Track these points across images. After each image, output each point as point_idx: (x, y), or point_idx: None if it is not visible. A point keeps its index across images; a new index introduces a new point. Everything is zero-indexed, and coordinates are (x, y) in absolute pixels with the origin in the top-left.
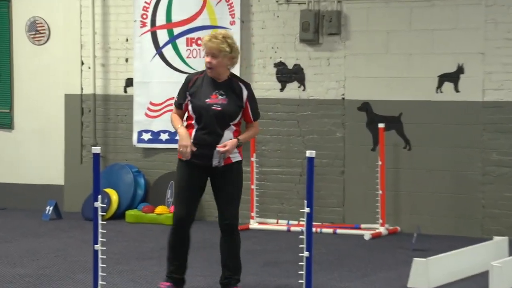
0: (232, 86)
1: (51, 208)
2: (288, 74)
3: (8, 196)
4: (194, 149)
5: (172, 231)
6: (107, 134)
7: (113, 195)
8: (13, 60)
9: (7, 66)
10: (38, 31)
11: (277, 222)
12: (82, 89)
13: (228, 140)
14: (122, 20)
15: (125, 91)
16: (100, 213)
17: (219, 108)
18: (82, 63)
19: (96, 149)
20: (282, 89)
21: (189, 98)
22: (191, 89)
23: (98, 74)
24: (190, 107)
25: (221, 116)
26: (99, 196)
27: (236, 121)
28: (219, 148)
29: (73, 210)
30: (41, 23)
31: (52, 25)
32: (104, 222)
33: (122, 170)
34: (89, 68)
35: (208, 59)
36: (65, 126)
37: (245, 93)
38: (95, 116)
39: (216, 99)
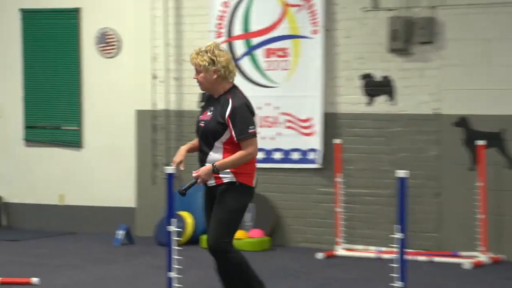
0: (221, 102)
1: (122, 233)
2: (376, 87)
3: (77, 219)
4: (182, 168)
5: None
6: (175, 152)
7: (188, 219)
8: (82, 74)
9: (76, 81)
10: (108, 43)
11: (366, 249)
12: (154, 104)
13: (214, 161)
14: (196, 31)
15: (200, 107)
16: (174, 237)
17: (202, 125)
18: (154, 77)
19: (170, 169)
20: (369, 103)
21: None
22: (203, 107)
23: (171, 88)
24: None
25: (204, 134)
26: (173, 220)
27: (223, 140)
28: (193, 173)
29: (145, 234)
30: (111, 34)
31: (123, 37)
32: (179, 248)
33: (198, 192)
34: (162, 82)
35: (194, 75)
36: (136, 144)
37: (228, 108)
38: (168, 133)
39: (205, 116)
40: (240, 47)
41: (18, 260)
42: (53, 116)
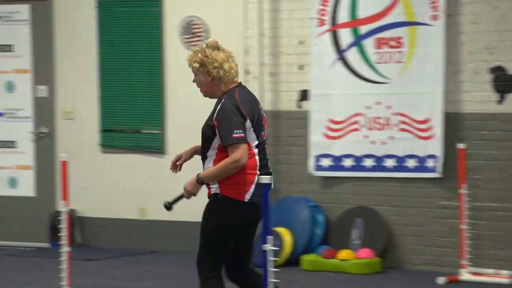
0: (216, 104)
1: None
2: (508, 82)
3: (159, 236)
4: (176, 170)
5: None
6: (277, 159)
7: (286, 236)
8: (165, 69)
9: (158, 77)
10: (194, 33)
11: (496, 273)
12: None
13: (207, 169)
14: (295, 18)
15: (299, 106)
16: (271, 257)
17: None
18: (247, 72)
19: (265, 179)
20: (500, 101)
21: None
22: None
23: (266, 85)
24: None
25: (201, 139)
26: (269, 237)
27: (215, 145)
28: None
29: None
30: (198, 23)
31: (211, 26)
32: (276, 269)
33: (297, 205)
34: (255, 78)
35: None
36: None
37: (217, 110)
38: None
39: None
40: (346, 36)
41: (93, 283)
42: (132, 118)
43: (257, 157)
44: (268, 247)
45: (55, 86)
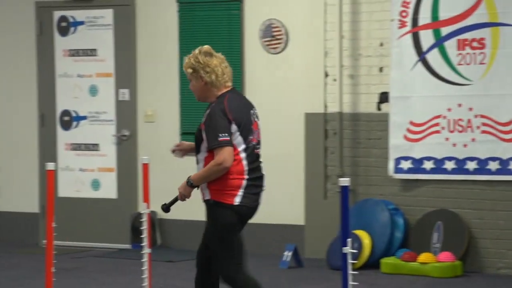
0: (207, 109)
1: (289, 254)
2: None
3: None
4: (174, 152)
5: None
6: (356, 162)
7: (365, 239)
8: (244, 72)
9: (238, 80)
10: (274, 36)
11: None
12: (326, 106)
13: (197, 172)
14: (375, 20)
15: (379, 109)
16: (350, 260)
17: None
18: (326, 75)
19: (344, 181)
20: None
21: None
22: None
23: (345, 87)
24: None
25: (195, 142)
26: (349, 240)
27: (205, 148)
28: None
29: (316, 256)
30: (278, 26)
31: (291, 29)
32: (355, 272)
33: (376, 207)
34: (335, 80)
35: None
36: (305, 153)
37: (205, 114)
38: (342, 140)
39: None
40: (427, 38)
41: (173, 285)
42: None
43: (244, 162)
44: (347, 249)
45: (136, 89)
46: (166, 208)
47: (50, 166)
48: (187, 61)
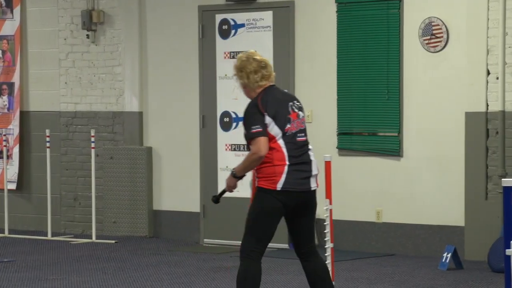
0: None
1: (449, 256)
2: None
3: (396, 239)
4: None
5: None
6: None
7: None
8: (403, 71)
9: (396, 80)
10: (434, 34)
11: None
12: (487, 105)
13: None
14: None
15: None
16: None
17: None
18: (488, 73)
19: (507, 182)
20: None
21: None
22: None
23: (508, 86)
24: None
25: None
26: None
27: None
28: None
29: (476, 258)
30: (438, 24)
31: (451, 27)
32: None
33: None
34: (497, 78)
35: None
36: (465, 153)
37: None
38: (504, 139)
39: None
40: None
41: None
42: (369, 121)
43: (284, 149)
44: (511, 251)
45: (295, 90)
46: (216, 199)
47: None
48: (234, 75)
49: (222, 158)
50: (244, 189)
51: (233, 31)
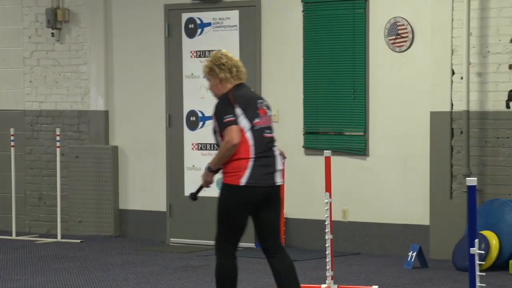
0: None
1: (414, 254)
2: None
3: (362, 238)
4: None
5: None
6: (483, 161)
7: (493, 239)
8: (368, 71)
9: (361, 80)
10: (399, 34)
11: None
12: (452, 105)
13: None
14: (505, 16)
15: (508, 107)
16: (477, 261)
17: None
18: (453, 73)
19: (471, 181)
20: None
21: None
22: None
23: (472, 86)
24: None
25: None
26: (476, 241)
27: (219, 138)
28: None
29: (441, 257)
30: (403, 24)
31: (416, 27)
32: (483, 273)
33: (504, 208)
34: (462, 78)
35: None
36: (430, 152)
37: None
38: (469, 139)
39: None
40: None
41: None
42: (336, 120)
43: (250, 142)
44: (475, 250)
45: (261, 89)
46: (193, 196)
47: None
48: (206, 64)
49: (189, 157)
50: (209, 189)
51: (199, 30)
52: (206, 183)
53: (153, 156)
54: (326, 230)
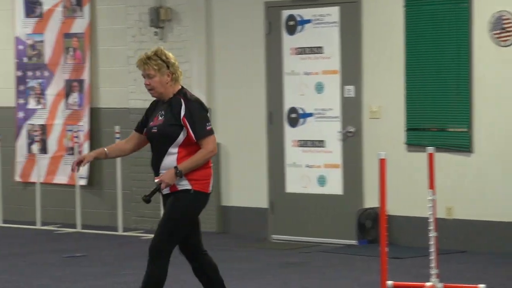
0: (171, 104)
1: None
2: None
3: (467, 236)
4: (79, 167)
5: None
6: None
7: None
8: (472, 66)
9: (465, 75)
10: (504, 28)
11: None
12: None
13: (170, 167)
14: None
15: None
16: None
17: (155, 130)
18: None
19: None
20: None
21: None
22: (149, 114)
23: None
24: None
25: (157, 139)
26: None
27: (179, 142)
28: (155, 179)
29: None
30: (508, 18)
31: None
32: None
33: None
34: None
35: (145, 81)
36: None
37: (182, 108)
38: None
39: (157, 121)
40: None
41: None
42: (438, 116)
43: None
44: None
45: (362, 86)
46: (147, 199)
47: (381, 155)
48: (154, 58)
49: (290, 154)
50: (312, 185)
51: (299, 27)
52: (167, 186)
53: (254, 153)
54: (430, 228)
